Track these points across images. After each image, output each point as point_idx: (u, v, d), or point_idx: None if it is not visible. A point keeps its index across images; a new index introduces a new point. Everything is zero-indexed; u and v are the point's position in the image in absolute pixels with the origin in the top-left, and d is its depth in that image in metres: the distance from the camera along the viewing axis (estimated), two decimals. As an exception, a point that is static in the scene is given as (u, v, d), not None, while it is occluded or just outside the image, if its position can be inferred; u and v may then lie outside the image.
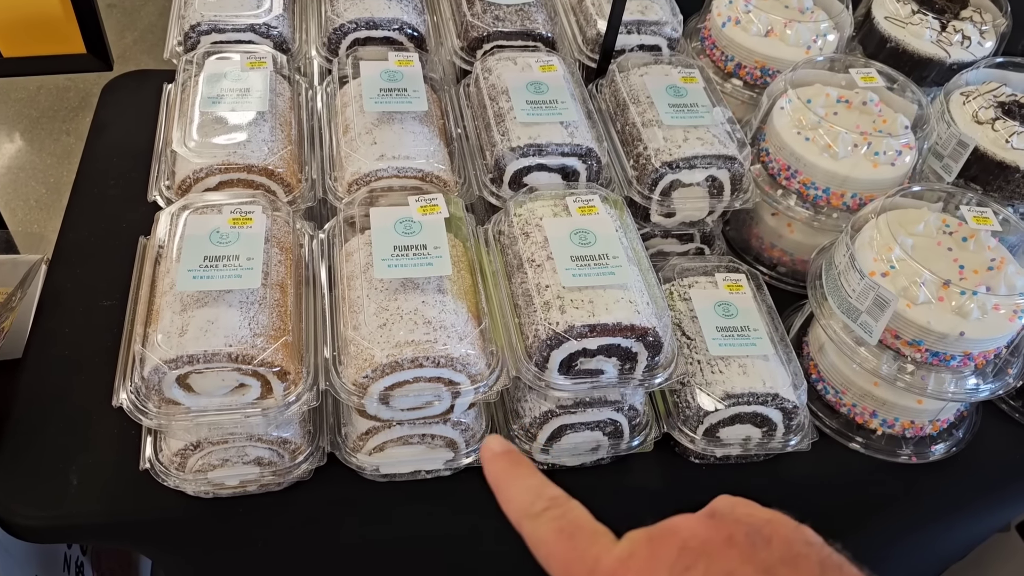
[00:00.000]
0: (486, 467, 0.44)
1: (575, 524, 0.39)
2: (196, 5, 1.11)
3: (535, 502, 0.40)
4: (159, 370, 0.75)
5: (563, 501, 0.41)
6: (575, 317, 0.82)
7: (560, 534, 0.39)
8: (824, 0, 1.34)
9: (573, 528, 0.39)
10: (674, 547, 0.36)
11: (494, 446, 0.44)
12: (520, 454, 0.44)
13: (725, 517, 0.38)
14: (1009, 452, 1.10)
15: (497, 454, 0.44)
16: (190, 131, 0.95)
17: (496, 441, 0.45)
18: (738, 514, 0.40)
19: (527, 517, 0.40)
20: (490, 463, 0.44)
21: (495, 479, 0.43)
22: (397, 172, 0.96)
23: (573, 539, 0.38)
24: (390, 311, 0.81)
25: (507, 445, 0.44)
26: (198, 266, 0.81)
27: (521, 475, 0.43)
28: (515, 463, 0.43)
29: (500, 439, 0.45)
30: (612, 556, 0.37)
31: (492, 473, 0.43)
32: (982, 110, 1.16)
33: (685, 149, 1.03)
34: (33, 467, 0.90)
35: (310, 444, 0.88)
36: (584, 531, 0.39)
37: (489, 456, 0.44)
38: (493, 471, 0.43)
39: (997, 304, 0.92)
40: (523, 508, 0.41)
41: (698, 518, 0.38)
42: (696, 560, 0.35)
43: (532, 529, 0.40)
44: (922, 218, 0.99)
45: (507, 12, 1.19)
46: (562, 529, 0.39)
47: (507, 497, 0.42)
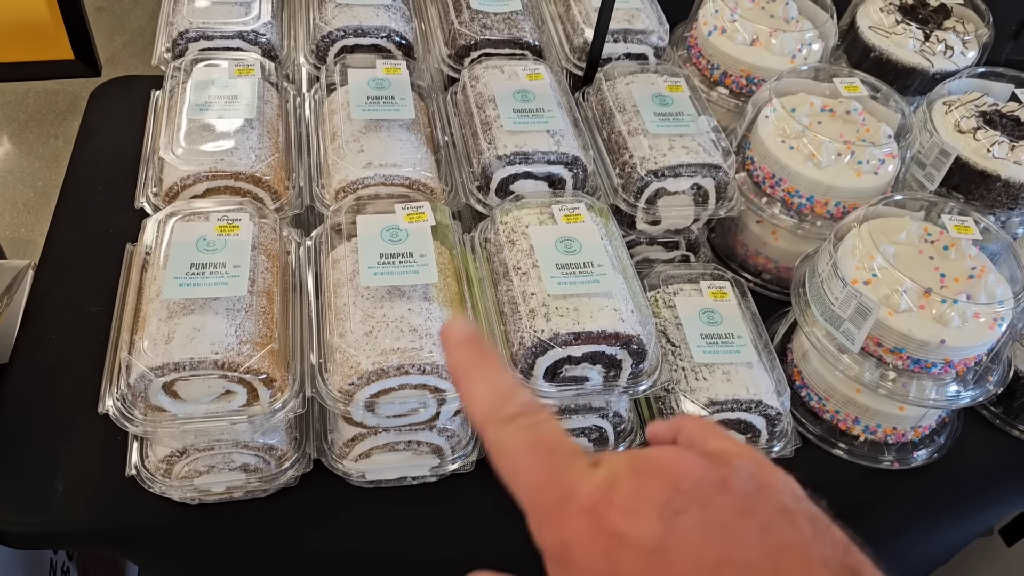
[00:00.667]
0: (448, 353, 0.38)
1: (550, 440, 0.34)
2: (184, 12, 1.12)
3: (504, 405, 0.35)
4: (145, 377, 0.76)
5: (536, 409, 0.36)
6: (560, 325, 0.83)
7: (532, 448, 0.34)
8: (809, 10, 1.35)
9: (549, 444, 0.34)
10: (663, 485, 0.32)
11: (457, 330, 0.38)
12: (487, 343, 0.38)
13: (713, 456, 0.34)
14: (990, 457, 1.11)
15: (462, 340, 0.38)
16: (177, 138, 0.95)
17: (459, 324, 0.39)
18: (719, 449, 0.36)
19: (494, 422, 0.35)
20: (454, 350, 0.38)
21: (459, 370, 0.37)
22: (384, 180, 0.96)
23: (546, 458, 0.34)
24: (376, 319, 0.82)
25: (472, 329, 0.38)
26: (185, 273, 0.81)
27: (489, 370, 0.37)
28: (482, 354, 0.37)
29: (464, 322, 0.39)
30: (591, 485, 0.32)
31: (456, 363, 0.37)
32: (964, 120, 1.17)
33: (670, 157, 1.04)
34: (19, 473, 0.90)
35: (296, 451, 0.88)
36: (559, 450, 0.34)
37: (453, 341, 0.38)
38: (457, 360, 0.37)
39: (977, 312, 0.93)
40: (490, 410, 0.35)
41: (685, 452, 0.35)
42: (688, 505, 0.31)
43: (499, 437, 0.35)
44: (904, 227, 1.00)
45: (494, 20, 1.20)
46: (535, 443, 0.34)
47: (471, 393, 0.36)
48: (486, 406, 0.36)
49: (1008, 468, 1.13)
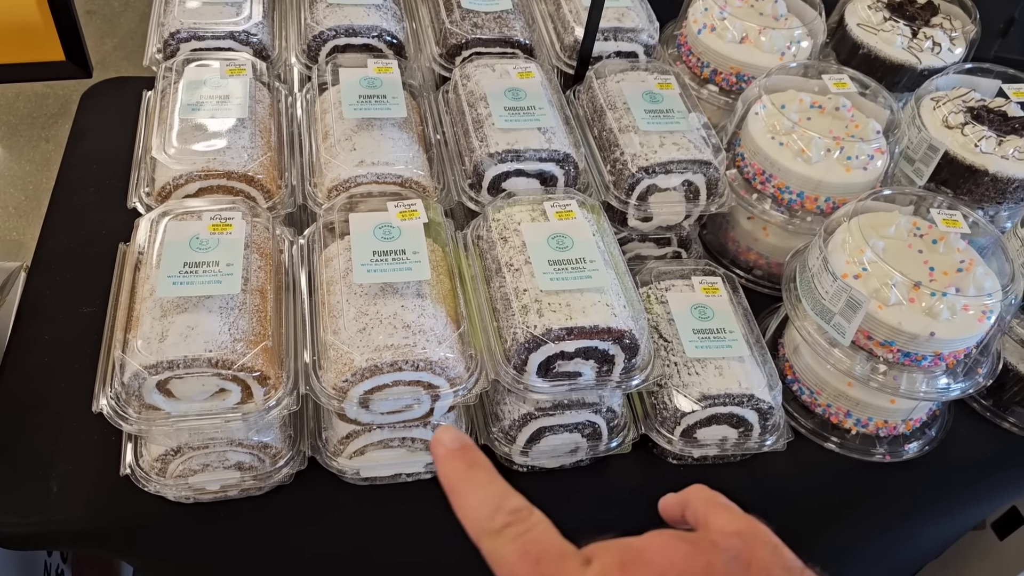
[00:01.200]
0: (439, 466, 0.39)
1: (540, 545, 0.36)
2: (176, 12, 1.12)
3: (495, 516, 0.37)
4: (139, 376, 0.76)
5: (526, 515, 0.37)
6: (553, 320, 0.83)
7: (524, 556, 0.36)
8: (798, 7, 1.36)
9: (538, 550, 0.36)
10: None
11: (446, 439, 0.40)
12: (476, 451, 0.39)
13: (700, 541, 0.36)
14: (981, 450, 1.12)
15: (451, 451, 0.39)
16: (170, 138, 0.96)
17: (447, 433, 0.40)
18: (714, 533, 0.38)
19: (487, 534, 0.37)
20: (443, 462, 0.39)
21: (449, 483, 0.39)
22: (376, 178, 0.96)
23: (539, 564, 0.35)
24: (369, 315, 0.82)
25: (461, 438, 0.40)
26: (178, 272, 0.81)
27: (478, 480, 0.38)
28: (471, 464, 0.39)
29: (451, 430, 0.40)
30: None
31: (446, 475, 0.39)
32: (952, 115, 1.18)
33: (661, 154, 1.05)
34: (12, 474, 0.90)
35: (291, 448, 0.89)
36: (550, 554, 0.36)
37: (442, 453, 0.39)
38: (447, 473, 0.39)
39: (966, 305, 0.94)
40: (482, 522, 0.37)
41: (673, 541, 0.36)
42: None
43: (493, 548, 0.36)
44: (893, 221, 1.01)
45: (485, 19, 1.20)
46: (526, 551, 0.36)
47: (463, 505, 0.38)
48: (478, 518, 0.37)
49: (999, 460, 1.14)
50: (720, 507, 0.40)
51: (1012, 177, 1.14)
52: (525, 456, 0.94)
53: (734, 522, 0.38)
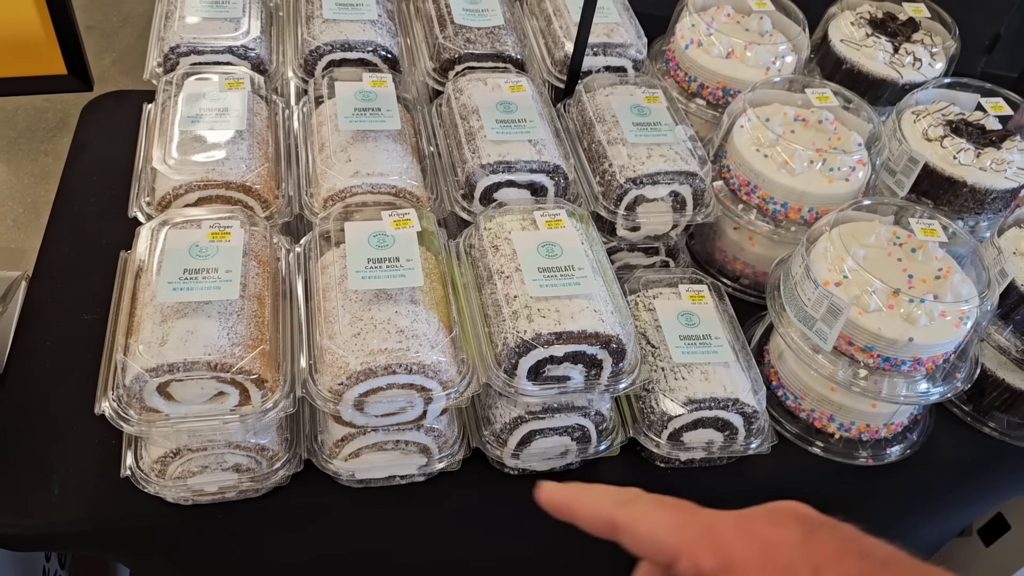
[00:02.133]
0: (553, 498, 0.43)
1: (669, 499, 0.41)
2: (176, 27, 1.15)
3: (622, 495, 0.42)
4: (140, 378, 0.78)
5: (647, 493, 0.42)
6: (542, 325, 0.86)
7: (660, 506, 0.41)
8: (783, 24, 1.39)
9: (670, 501, 0.41)
10: (793, 517, 0.39)
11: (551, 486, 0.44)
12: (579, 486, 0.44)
13: None
14: (962, 453, 1.15)
15: (559, 487, 0.44)
16: (170, 149, 0.98)
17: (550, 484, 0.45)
18: None
19: (620, 506, 0.42)
20: (556, 493, 0.44)
21: (569, 502, 0.43)
22: (371, 188, 0.99)
23: (677, 507, 0.41)
24: (364, 321, 0.84)
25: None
26: (178, 278, 0.84)
27: (595, 489, 0.43)
28: (584, 487, 0.44)
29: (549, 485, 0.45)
30: (728, 515, 0.40)
31: (563, 498, 0.43)
32: (931, 128, 1.21)
33: (649, 166, 1.08)
34: (15, 477, 0.92)
35: (287, 451, 0.91)
36: (682, 503, 0.41)
37: (551, 489, 0.44)
38: (564, 496, 0.43)
39: (944, 311, 0.97)
40: (612, 504, 0.42)
41: None
42: (820, 526, 0.38)
43: (630, 513, 0.41)
44: (873, 230, 1.04)
45: (478, 35, 1.23)
46: (661, 502, 0.41)
47: (589, 503, 0.43)
48: (608, 503, 0.42)
49: (980, 464, 1.17)
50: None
51: (990, 188, 1.17)
52: (516, 459, 0.97)
53: None
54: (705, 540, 0.39)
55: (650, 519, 0.41)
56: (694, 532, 0.40)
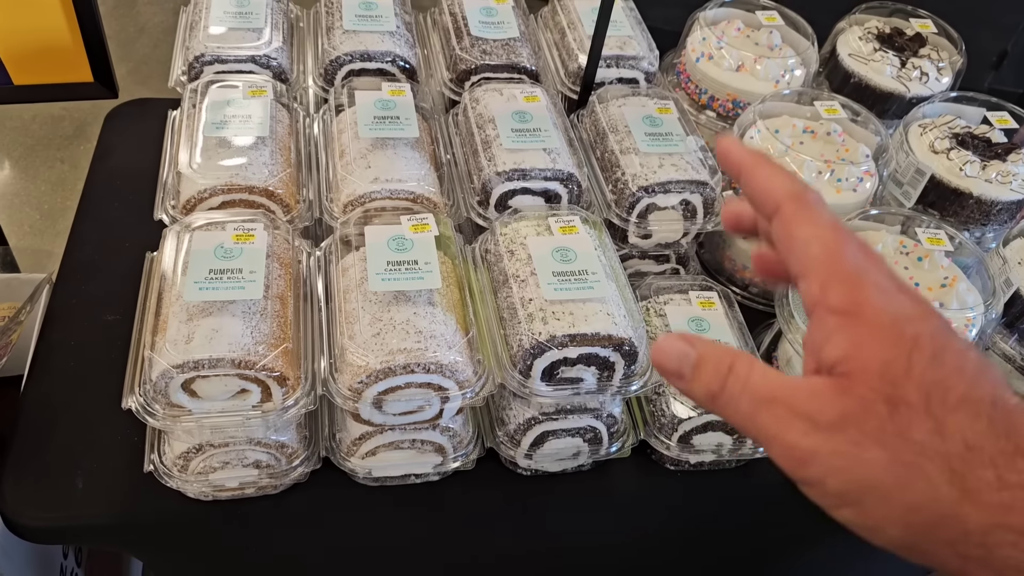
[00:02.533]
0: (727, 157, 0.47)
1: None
2: (200, 37, 1.18)
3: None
4: (167, 374, 0.81)
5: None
6: (556, 328, 0.88)
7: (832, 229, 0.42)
8: (792, 38, 1.42)
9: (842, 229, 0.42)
10: None
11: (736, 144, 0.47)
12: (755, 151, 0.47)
13: None
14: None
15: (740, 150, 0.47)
16: (195, 154, 1.01)
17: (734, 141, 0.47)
18: None
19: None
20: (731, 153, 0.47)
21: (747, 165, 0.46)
22: (390, 194, 1.02)
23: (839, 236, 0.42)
24: (383, 321, 0.87)
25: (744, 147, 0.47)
26: (204, 278, 0.86)
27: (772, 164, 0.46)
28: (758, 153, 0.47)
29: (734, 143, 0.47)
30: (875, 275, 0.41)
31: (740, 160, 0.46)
32: (938, 141, 1.24)
33: (660, 175, 1.10)
34: (40, 472, 0.95)
35: (306, 448, 0.93)
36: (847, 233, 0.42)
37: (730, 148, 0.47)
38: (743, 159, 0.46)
39: (949, 319, 0.98)
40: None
41: None
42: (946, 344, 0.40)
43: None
44: (880, 240, 1.06)
45: (494, 47, 1.26)
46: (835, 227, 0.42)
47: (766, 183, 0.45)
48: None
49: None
50: None
51: (995, 200, 1.19)
52: (529, 460, 0.99)
53: None
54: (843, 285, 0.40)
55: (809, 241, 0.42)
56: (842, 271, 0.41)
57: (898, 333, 0.39)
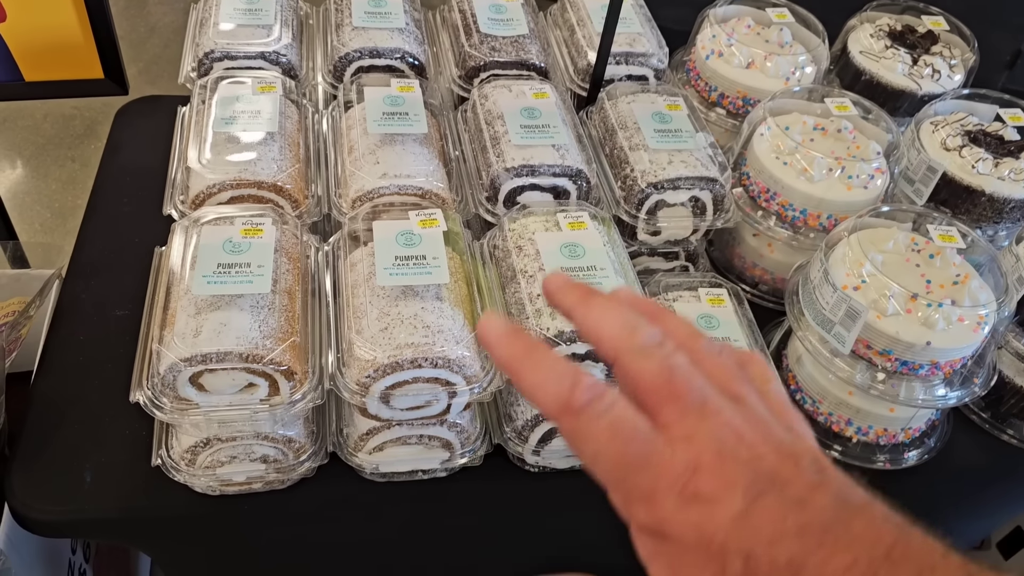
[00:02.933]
0: (494, 349, 0.39)
1: (626, 423, 0.36)
2: (210, 34, 1.18)
3: (573, 394, 0.36)
4: (175, 368, 0.81)
5: (603, 391, 0.37)
6: (565, 323, 0.88)
7: (612, 435, 0.36)
8: (802, 35, 1.41)
9: (625, 429, 0.36)
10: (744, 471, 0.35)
11: (494, 324, 0.39)
12: (529, 335, 0.39)
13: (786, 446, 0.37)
14: (981, 460, 1.15)
15: (504, 334, 0.39)
16: (204, 149, 1.01)
17: (493, 318, 0.39)
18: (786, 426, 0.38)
19: (567, 412, 0.37)
20: (500, 345, 0.39)
21: (513, 363, 0.38)
22: (398, 189, 1.02)
23: (628, 443, 0.36)
24: (391, 316, 0.87)
25: (509, 323, 0.39)
26: (212, 272, 0.87)
27: (545, 358, 0.38)
28: (530, 344, 0.38)
29: (497, 315, 0.41)
30: (675, 468, 0.35)
31: (507, 356, 0.38)
32: (950, 138, 1.23)
33: (669, 171, 1.09)
34: (49, 466, 0.95)
35: (313, 443, 0.93)
36: (638, 433, 0.36)
37: (495, 337, 0.39)
38: (508, 354, 0.38)
39: (961, 316, 0.98)
40: (561, 400, 0.37)
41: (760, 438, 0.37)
42: (769, 488, 0.35)
43: (576, 427, 0.37)
44: (891, 236, 1.05)
45: (503, 43, 1.26)
46: (614, 430, 0.36)
47: (535, 384, 0.37)
48: (555, 397, 0.37)
49: (999, 472, 1.17)
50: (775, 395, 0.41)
51: (1008, 197, 1.18)
52: (536, 456, 0.98)
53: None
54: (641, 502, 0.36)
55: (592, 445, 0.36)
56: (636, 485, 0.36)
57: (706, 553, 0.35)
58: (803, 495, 0.35)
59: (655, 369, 0.38)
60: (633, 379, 0.38)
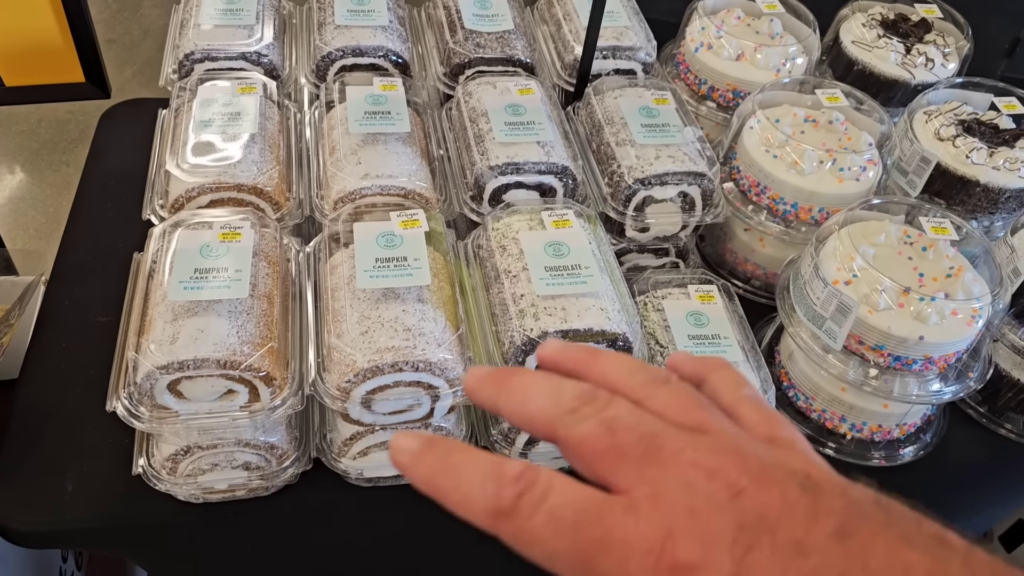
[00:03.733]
0: (410, 474, 0.35)
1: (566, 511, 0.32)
2: (190, 35, 1.17)
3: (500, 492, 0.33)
4: (151, 376, 0.79)
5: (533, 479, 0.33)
6: (548, 324, 0.86)
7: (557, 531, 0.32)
8: (793, 26, 1.39)
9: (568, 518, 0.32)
10: (727, 522, 0.30)
11: (404, 444, 0.35)
12: (442, 440, 0.36)
13: (768, 470, 0.32)
14: (977, 455, 1.14)
15: (416, 453, 0.35)
16: (183, 153, 1.00)
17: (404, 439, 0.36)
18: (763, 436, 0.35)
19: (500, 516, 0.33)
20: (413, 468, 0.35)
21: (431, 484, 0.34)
22: (380, 190, 1.00)
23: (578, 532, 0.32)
24: (372, 319, 0.85)
25: (420, 436, 0.36)
26: (189, 277, 0.85)
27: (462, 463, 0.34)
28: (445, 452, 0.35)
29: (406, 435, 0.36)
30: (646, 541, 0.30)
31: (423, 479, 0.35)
32: (944, 128, 1.21)
33: (657, 166, 1.08)
34: (30, 475, 0.94)
35: (296, 449, 0.92)
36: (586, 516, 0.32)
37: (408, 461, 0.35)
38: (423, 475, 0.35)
39: (955, 310, 0.96)
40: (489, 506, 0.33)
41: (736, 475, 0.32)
42: (758, 537, 0.30)
43: (515, 529, 0.32)
44: (883, 229, 1.04)
45: (488, 39, 1.24)
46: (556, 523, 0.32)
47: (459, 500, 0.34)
48: (481, 503, 0.33)
49: (997, 466, 1.15)
50: (749, 399, 0.37)
51: (1003, 187, 1.16)
52: (524, 458, 0.97)
53: (765, 419, 0.36)
54: None
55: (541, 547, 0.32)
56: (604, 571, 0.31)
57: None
58: (800, 536, 0.29)
59: (592, 430, 0.33)
60: (576, 450, 0.34)
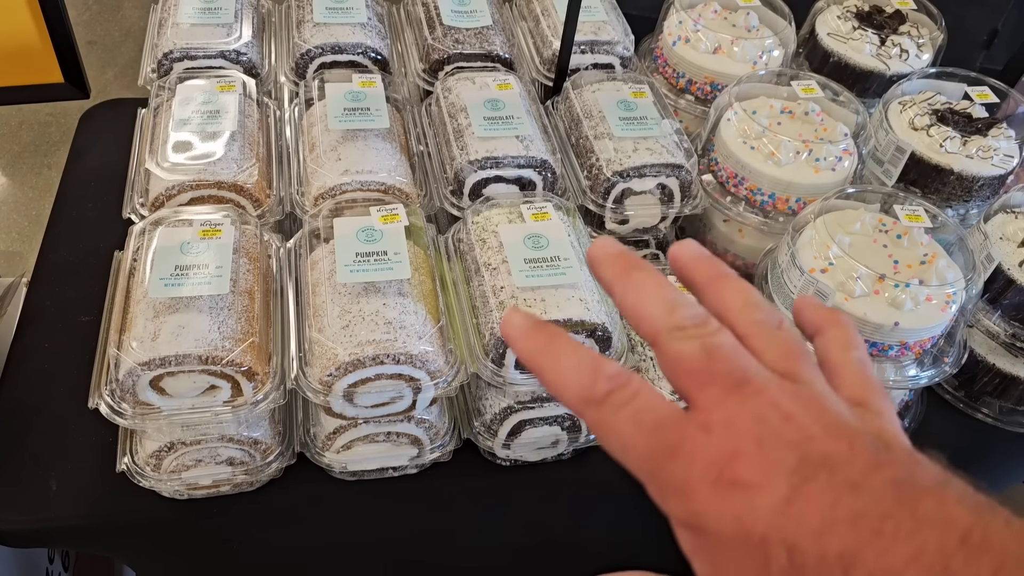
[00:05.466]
0: (516, 346, 0.37)
1: (651, 412, 0.34)
2: (169, 34, 1.17)
3: (595, 384, 0.35)
4: (133, 372, 0.80)
5: (627, 380, 0.35)
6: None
7: (637, 426, 0.34)
8: (769, 19, 1.41)
9: (651, 418, 0.34)
10: (790, 454, 0.32)
11: (516, 320, 0.38)
12: (550, 324, 0.38)
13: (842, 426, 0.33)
14: (957, 439, 1.15)
15: (526, 330, 0.37)
16: (163, 151, 1.00)
17: (516, 314, 0.38)
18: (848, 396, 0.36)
19: (589, 404, 0.35)
20: (520, 342, 0.37)
21: (534, 359, 0.36)
22: (360, 185, 1.01)
23: (655, 433, 0.33)
24: (352, 313, 0.86)
25: (531, 316, 0.38)
26: (169, 274, 0.86)
27: (567, 349, 0.36)
28: (552, 335, 0.37)
29: (519, 311, 0.38)
30: (710, 456, 0.32)
31: (528, 352, 0.37)
32: (918, 117, 1.22)
33: (635, 159, 1.09)
34: (14, 474, 0.94)
35: (280, 444, 0.92)
36: (666, 421, 0.33)
37: (516, 335, 0.37)
38: (528, 350, 0.37)
39: (929, 296, 0.97)
40: (581, 392, 0.35)
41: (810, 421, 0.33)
42: (816, 471, 0.31)
43: (599, 419, 0.34)
44: (859, 218, 1.05)
45: (466, 35, 1.25)
46: (638, 420, 0.34)
47: (556, 380, 0.36)
48: (576, 388, 0.35)
49: (975, 451, 1.17)
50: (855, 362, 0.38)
51: (976, 175, 1.18)
52: (507, 449, 0.98)
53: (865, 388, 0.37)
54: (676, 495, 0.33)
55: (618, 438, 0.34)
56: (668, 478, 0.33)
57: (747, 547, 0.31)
58: (857, 478, 0.31)
59: (694, 351, 0.35)
60: (672, 363, 0.35)
